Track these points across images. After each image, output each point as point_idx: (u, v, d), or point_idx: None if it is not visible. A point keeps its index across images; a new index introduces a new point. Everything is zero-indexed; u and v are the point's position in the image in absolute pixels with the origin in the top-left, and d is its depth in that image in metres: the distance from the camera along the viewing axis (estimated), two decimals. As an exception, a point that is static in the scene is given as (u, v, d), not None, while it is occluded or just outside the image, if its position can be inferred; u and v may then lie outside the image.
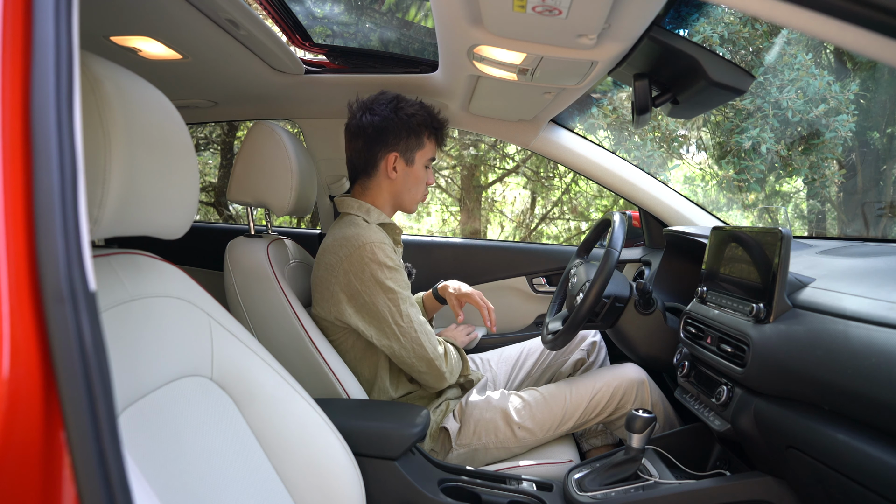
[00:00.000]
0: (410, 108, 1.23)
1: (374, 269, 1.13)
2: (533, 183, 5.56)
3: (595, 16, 0.82)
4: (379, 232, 1.19)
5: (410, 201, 1.30)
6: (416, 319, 1.19)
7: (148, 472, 0.56)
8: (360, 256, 1.13)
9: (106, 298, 0.59)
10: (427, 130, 1.24)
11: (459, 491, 1.03)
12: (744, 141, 3.88)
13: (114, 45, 1.16)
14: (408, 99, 1.26)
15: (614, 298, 1.23)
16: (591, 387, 1.27)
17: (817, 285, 0.86)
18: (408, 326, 1.17)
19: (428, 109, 1.26)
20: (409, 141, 1.23)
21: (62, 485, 0.35)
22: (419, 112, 1.23)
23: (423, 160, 1.27)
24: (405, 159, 1.24)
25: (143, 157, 0.56)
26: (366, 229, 1.18)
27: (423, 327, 1.21)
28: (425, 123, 1.24)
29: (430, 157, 1.28)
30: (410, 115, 1.22)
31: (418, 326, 1.19)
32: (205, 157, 5.29)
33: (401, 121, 1.21)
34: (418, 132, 1.23)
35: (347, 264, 1.14)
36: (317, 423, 0.81)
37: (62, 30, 0.36)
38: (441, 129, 1.28)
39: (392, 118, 1.21)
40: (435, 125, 1.26)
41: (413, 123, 1.22)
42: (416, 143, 1.24)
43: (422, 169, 1.27)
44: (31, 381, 0.34)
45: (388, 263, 1.15)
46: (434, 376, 1.23)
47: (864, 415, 0.68)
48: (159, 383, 0.63)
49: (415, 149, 1.24)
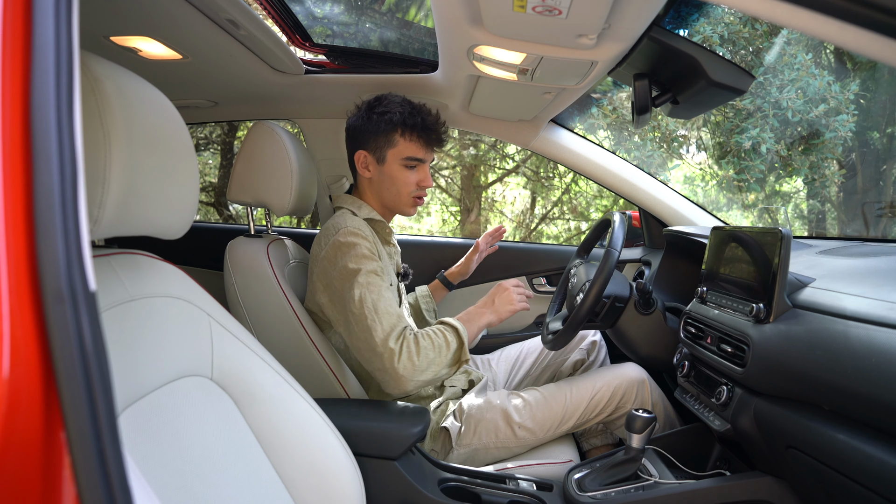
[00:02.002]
0: (384, 107, 1.22)
1: (342, 252, 1.12)
2: (533, 183, 5.56)
3: (595, 16, 0.82)
4: (361, 223, 1.18)
5: (394, 201, 1.28)
6: (373, 303, 1.07)
7: (148, 472, 0.56)
8: (334, 241, 1.14)
9: (106, 298, 0.59)
10: (400, 128, 1.21)
11: (459, 491, 1.03)
12: (744, 141, 3.88)
13: (114, 45, 1.16)
14: (391, 98, 1.24)
15: (614, 298, 1.23)
16: (591, 386, 1.27)
17: (817, 285, 0.86)
18: (359, 312, 1.07)
19: (407, 108, 1.22)
20: (379, 139, 1.22)
21: (62, 485, 0.35)
22: (393, 110, 1.21)
23: (396, 158, 1.23)
24: (375, 158, 1.24)
25: (143, 158, 0.56)
26: (347, 219, 1.18)
27: (382, 311, 1.07)
28: (399, 122, 1.21)
29: (407, 156, 1.23)
30: (381, 113, 1.21)
31: (371, 311, 1.06)
32: (205, 157, 5.29)
33: (371, 120, 1.22)
34: (388, 130, 1.21)
35: (326, 251, 1.15)
36: (317, 423, 0.81)
37: (62, 30, 0.36)
38: (420, 127, 1.22)
39: (364, 117, 1.23)
40: (410, 122, 1.21)
41: (383, 122, 1.21)
42: (386, 141, 1.22)
43: (397, 168, 1.24)
44: (31, 381, 0.34)
45: (358, 247, 1.12)
46: (386, 374, 1.06)
47: (864, 415, 0.68)
48: (159, 383, 0.63)
49: (385, 147, 1.22)
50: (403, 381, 1.05)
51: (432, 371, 1.08)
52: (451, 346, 1.12)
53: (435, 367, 1.09)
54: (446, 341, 1.12)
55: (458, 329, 1.15)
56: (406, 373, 1.05)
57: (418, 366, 1.06)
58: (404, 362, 1.05)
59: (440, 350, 1.10)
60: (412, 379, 1.06)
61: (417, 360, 1.06)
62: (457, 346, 1.13)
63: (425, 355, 1.07)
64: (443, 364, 1.10)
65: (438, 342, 1.11)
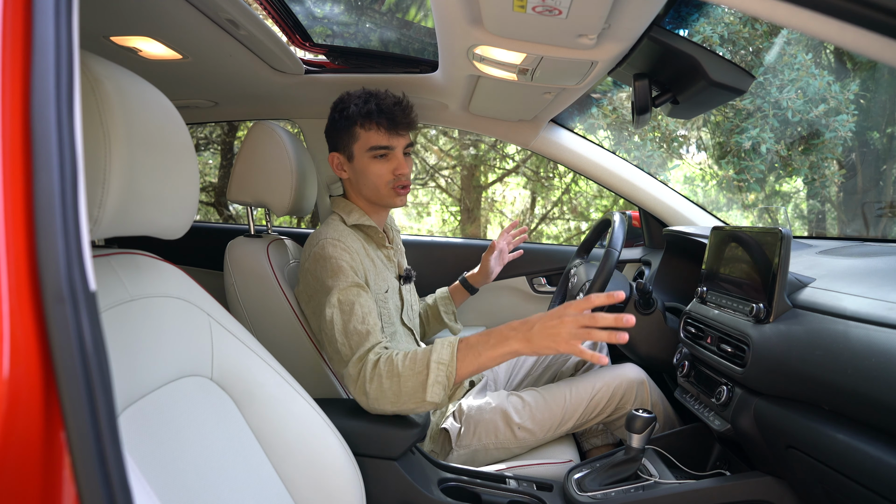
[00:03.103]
0: (343, 104, 1.19)
1: (320, 265, 1.10)
2: (533, 183, 5.56)
3: (595, 16, 0.82)
4: (345, 232, 1.16)
5: (375, 196, 1.22)
6: (342, 324, 1.01)
7: (148, 472, 0.56)
8: (313, 253, 1.12)
9: (106, 298, 0.59)
10: (358, 120, 1.16)
11: (459, 491, 1.03)
12: (744, 141, 3.88)
13: (114, 45, 1.16)
14: (351, 94, 1.20)
15: (614, 298, 1.23)
16: (590, 387, 1.27)
17: (817, 285, 0.86)
18: (329, 332, 1.02)
19: (362, 98, 1.18)
20: (343, 137, 1.20)
21: (62, 485, 0.35)
22: (351, 105, 1.17)
23: (362, 151, 1.18)
24: (346, 156, 1.21)
25: (143, 157, 0.56)
26: (332, 228, 1.16)
27: (350, 332, 1.00)
28: (355, 113, 1.16)
29: (371, 146, 1.17)
30: (341, 111, 1.18)
31: (341, 332, 1.00)
32: (205, 157, 5.29)
33: (333, 121, 1.20)
34: (348, 125, 1.18)
35: (308, 263, 1.14)
36: (317, 423, 0.81)
37: (62, 30, 0.36)
38: (375, 113, 1.15)
39: (330, 119, 1.21)
40: (365, 111, 1.16)
41: (343, 118, 1.18)
42: (349, 137, 1.18)
43: (367, 161, 1.18)
44: (31, 381, 0.34)
45: (333, 259, 1.08)
46: (357, 395, 0.96)
47: (864, 415, 0.68)
48: (159, 383, 0.63)
49: (350, 143, 1.19)
50: (369, 403, 0.95)
51: (404, 403, 0.93)
52: (432, 381, 0.92)
53: (406, 401, 0.93)
54: (426, 372, 0.92)
55: (445, 363, 0.92)
56: (372, 396, 0.94)
57: (385, 393, 0.93)
58: (366, 386, 0.94)
59: (403, 380, 0.93)
60: (378, 407, 0.94)
61: (385, 384, 0.93)
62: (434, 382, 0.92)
63: (392, 384, 0.93)
64: (415, 400, 0.92)
65: (416, 370, 0.93)
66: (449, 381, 0.92)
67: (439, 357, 0.93)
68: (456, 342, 0.95)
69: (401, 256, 1.40)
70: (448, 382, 0.92)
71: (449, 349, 0.94)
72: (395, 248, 1.36)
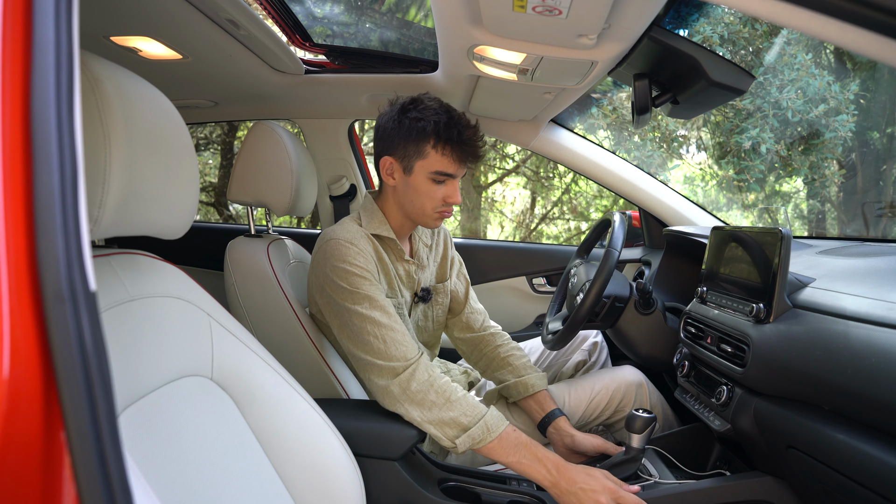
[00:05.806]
0: (418, 113, 1.09)
1: (330, 266, 1.06)
2: (533, 183, 5.56)
3: (595, 16, 0.82)
4: (359, 236, 1.10)
5: (417, 214, 1.15)
6: (375, 322, 1.02)
7: (148, 472, 0.56)
8: (323, 250, 1.08)
9: (106, 298, 0.59)
10: (433, 139, 1.07)
11: (459, 491, 1.03)
12: (744, 141, 3.89)
13: (114, 45, 1.16)
14: (427, 103, 1.11)
15: (614, 298, 1.23)
16: (589, 389, 1.27)
17: (817, 285, 0.86)
18: (361, 332, 1.02)
19: (443, 117, 1.08)
20: (408, 147, 1.09)
21: (62, 485, 0.35)
22: (427, 118, 1.08)
23: (424, 171, 1.10)
24: (402, 166, 1.11)
25: (143, 157, 0.56)
26: (345, 229, 1.10)
27: (390, 337, 1.01)
28: (432, 132, 1.07)
29: (436, 170, 1.09)
30: (415, 119, 1.08)
31: (374, 330, 1.01)
32: (205, 157, 5.29)
33: (402, 124, 1.09)
34: (419, 139, 1.08)
35: (315, 259, 1.12)
36: (317, 424, 0.81)
37: (62, 30, 0.36)
38: (455, 141, 1.08)
39: (395, 120, 1.11)
40: (445, 136, 1.07)
41: (415, 129, 1.08)
42: (416, 150, 1.09)
43: (424, 181, 1.10)
44: (31, 381, 0.34)
45: (344, 265, 1.05)
46: (389, 384, 0.99)
47: (864, 415, 0.68)
48: (159, 383, 0.63)
49: (413, 157, 1.09)
50: (399, 395, 0.98)
51: (434, 416, 0.97)
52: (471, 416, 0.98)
53: (434, 417, 0.97)
54: (472, 416, 0.98)
55: (486, 421, 0.98)
56: (413, 390, 0.98)
57: (423, 401, 0.98)
58: (411, 383, 0.99)
59: (454, 413, 0.98)
60: (403, 403, 0.98)
61: (431, 395, 0.98)
62: (475, 423, 0.98)
63: (439, 398, 0.98)
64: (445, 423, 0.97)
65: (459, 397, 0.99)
66: (473, 441, 0.97)
67: (490, 419, 0.99)
68: (506, 425, 1.00)
69: (421, 275, 1.26)
70: (473, 442, 0.97)
71: (500, 424, 0.99)
72: (419, 264, 1.25)
